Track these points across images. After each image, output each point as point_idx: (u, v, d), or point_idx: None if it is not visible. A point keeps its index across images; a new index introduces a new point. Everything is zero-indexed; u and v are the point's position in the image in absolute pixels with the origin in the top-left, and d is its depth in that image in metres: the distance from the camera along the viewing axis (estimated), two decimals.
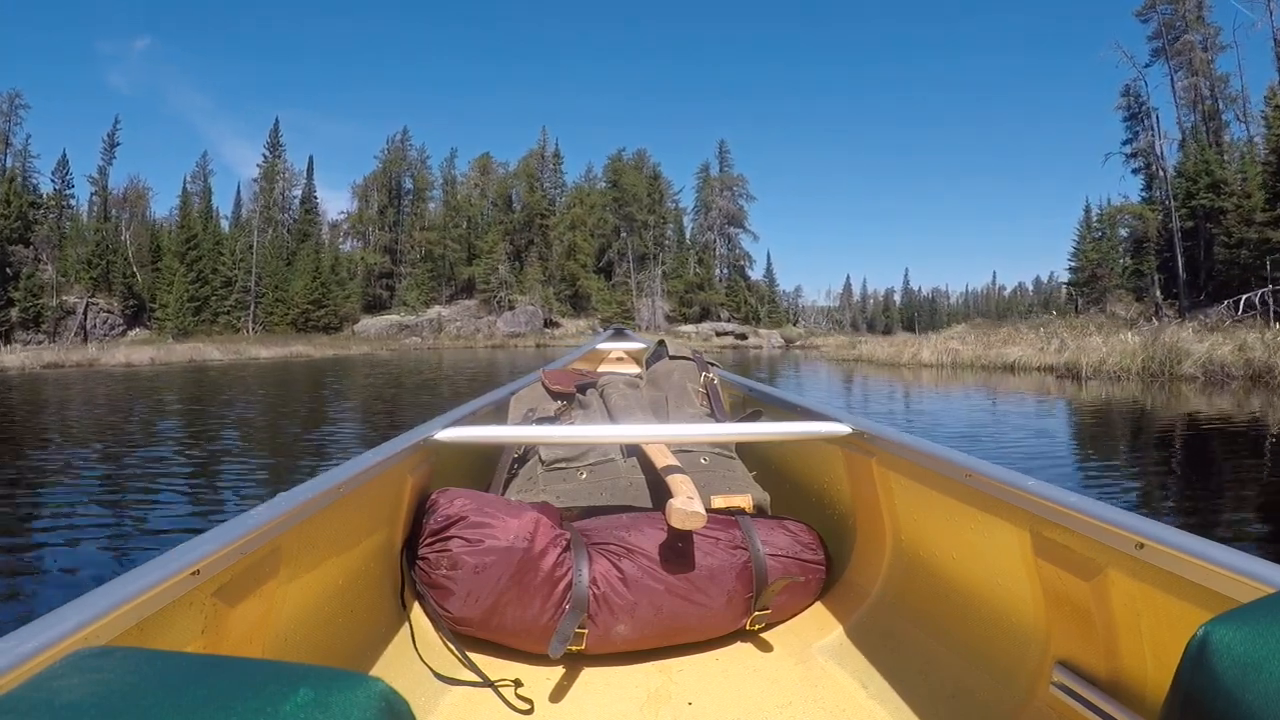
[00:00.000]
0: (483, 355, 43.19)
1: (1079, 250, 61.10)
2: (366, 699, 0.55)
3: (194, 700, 0.51)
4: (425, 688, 1.61)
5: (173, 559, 1.03)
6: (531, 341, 63.19)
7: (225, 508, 5.76)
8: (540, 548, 1.78)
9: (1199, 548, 1.07)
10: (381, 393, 18.37)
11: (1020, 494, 1.42)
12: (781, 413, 2.76)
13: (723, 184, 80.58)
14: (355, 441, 9.27)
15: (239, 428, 11.23)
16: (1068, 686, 1.32)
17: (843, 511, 2.22)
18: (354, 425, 11.61)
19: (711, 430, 2.30)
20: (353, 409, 14.46)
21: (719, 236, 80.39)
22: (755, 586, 1.89)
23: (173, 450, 8.75)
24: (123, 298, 63.04)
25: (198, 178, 74.72)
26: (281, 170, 75.58)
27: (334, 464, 1.59)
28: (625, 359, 4.44)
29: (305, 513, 1.36)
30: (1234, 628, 0.67)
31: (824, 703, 1.64)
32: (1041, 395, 15.07)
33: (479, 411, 2.49)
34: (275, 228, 73.37)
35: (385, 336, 64.85)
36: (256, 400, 16.19)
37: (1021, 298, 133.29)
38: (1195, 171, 41.90)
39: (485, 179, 78.72)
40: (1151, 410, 12.31)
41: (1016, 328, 33.39)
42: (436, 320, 68.78)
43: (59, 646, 0.80)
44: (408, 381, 22.44)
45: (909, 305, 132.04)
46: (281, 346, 44.59)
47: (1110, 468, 7.54)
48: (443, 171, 79.86)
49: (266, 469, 7.66)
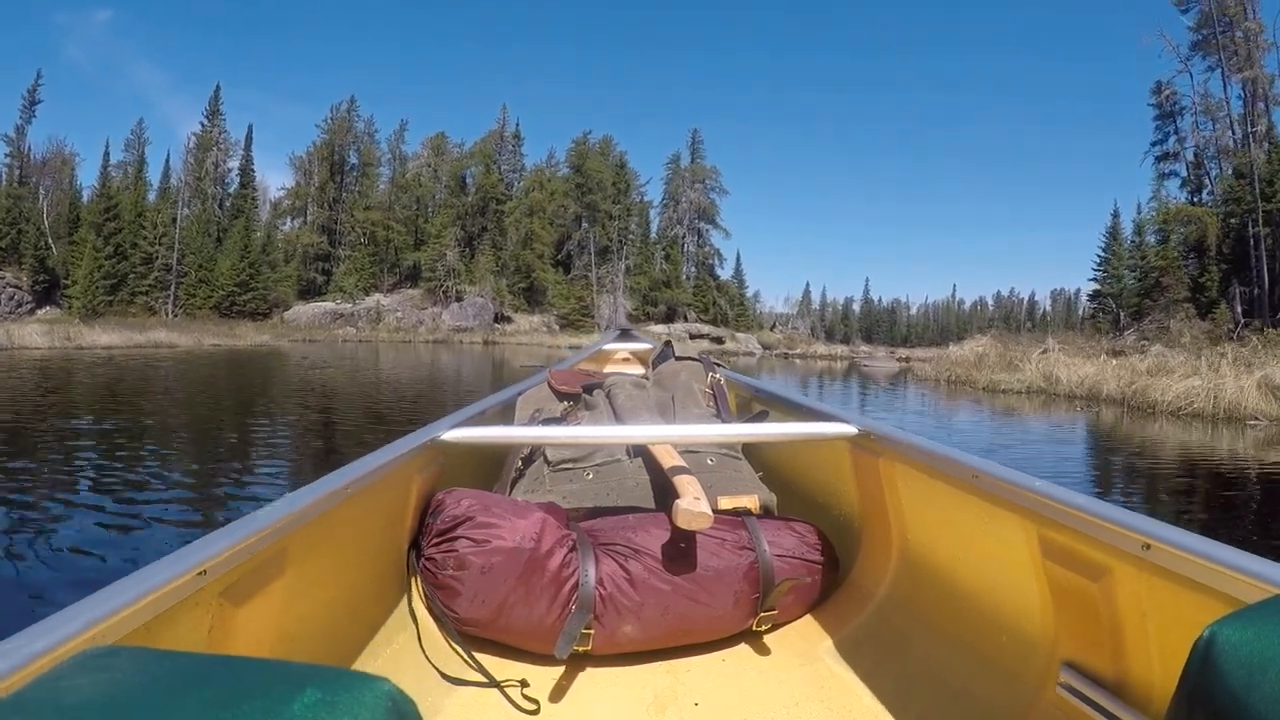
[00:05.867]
0: (422, 357, 36.16)
1: (1107, 260, 57.07)
2: (373, 699, 0.55)
3: (201, 700, 0.52)
4: (432, 688, 1.64)
5: (180, 559, 1.05)
6: (479, 338, 58.06)
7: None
8: (547, 548, 1.80)
9: (1205, 548, 1.09)
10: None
11: (1027, 495, 1.44)
12: (788, 413, 2.79)
13: (694, 175, 75.67)
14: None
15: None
16: (1074, 688, 1.33)
17: (849, 512, 2.23)
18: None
19: (718, 431, 2.32)
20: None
21: (688, 231, 75.57)
22: (762, 587, 1.91)
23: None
24: (33, 272, 57.06)
25: (132, 145, 68.51)
26: (218, 139, 68.94)
27: (341, 464, 1.57)
28: (631, 360, 4.46)
29: (312, 513, 1.37)
30: (1241, 628, 0.68)
31: (830, 703, 1.67)
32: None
33: (486, 412, 2.52)
34: (205, 201, 66.83)
35: (317, 325, 59.29)
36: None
37: (981, 312, 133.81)
38: (1272, 172, 37.55)
39: (439, 159, 72.86)
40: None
41: (1042, 341, 28.67)
42: (375, 309, 63.11)
43: (67, 646, 0.81)
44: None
45: (868, 315, 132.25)
46: (134, 333, 36.79)
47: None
48: (391, 146, 73.89)
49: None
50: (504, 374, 22.26)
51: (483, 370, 26.27)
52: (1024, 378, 20.55)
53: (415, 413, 12.20)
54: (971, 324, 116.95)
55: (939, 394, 20.62)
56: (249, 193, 68.95)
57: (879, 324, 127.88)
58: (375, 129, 73.62)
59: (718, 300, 73.46)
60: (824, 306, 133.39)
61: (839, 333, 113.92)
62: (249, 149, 70.46)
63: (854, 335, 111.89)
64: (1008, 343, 31.60)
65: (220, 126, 70.08)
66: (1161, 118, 48.01)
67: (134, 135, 69.38)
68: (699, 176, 75.98)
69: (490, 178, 69.74)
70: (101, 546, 4.51)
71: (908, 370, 35.43)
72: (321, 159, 70.05)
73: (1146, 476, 8.91)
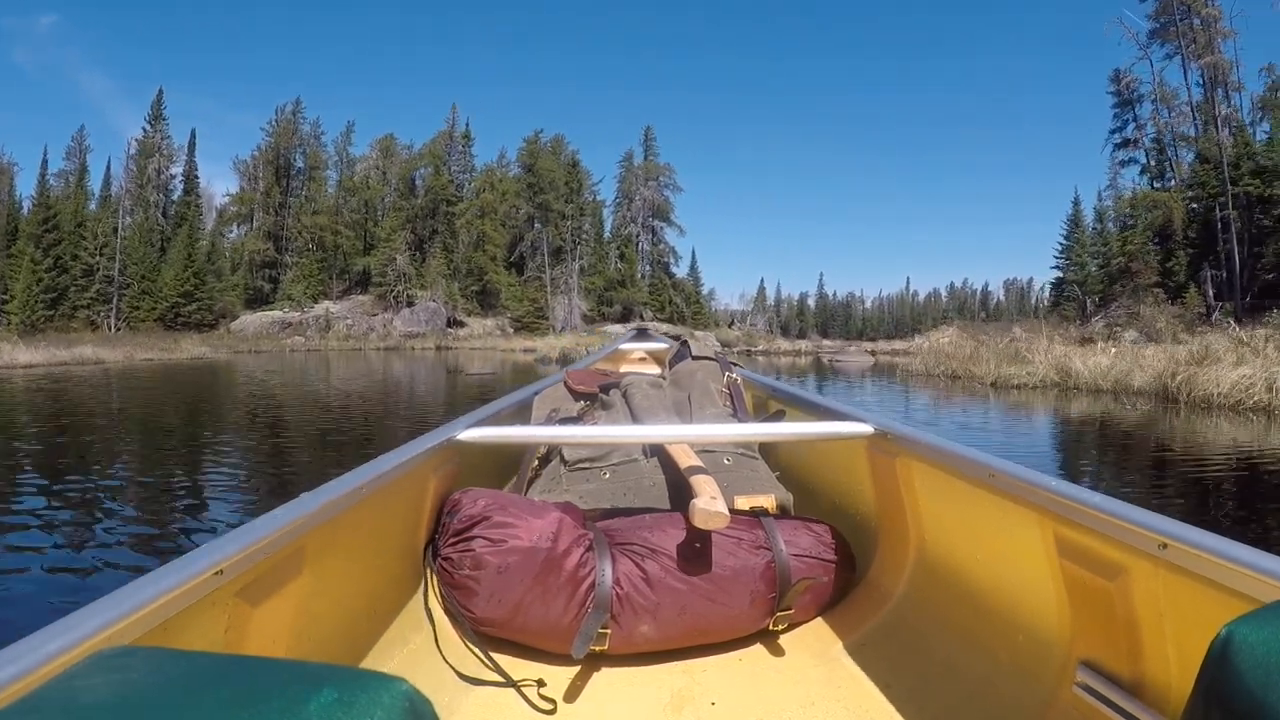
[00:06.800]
0: (373, 366, 34.26)
1: (1070, 248, 57.51)
2: (390, 699, 0.56)
3: (218, 700, 0.52)
4: (448, 688, 1.64)
5: (196, 559, 1.05)
6: (432, 343, 56.90)
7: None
8: (564, 548, 1.80)
9: (1222, 547, 1.09)
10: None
11: (1043, 493, 1.44)
12: (804, 413, 2.80)
13: (647, 173, 75.19)
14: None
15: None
16: (1091, 687, 1.33)
17: (866, 512, 2.23)
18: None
19: (734, 430, 2.33)
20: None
21: (642, 230, 75.14)
22: (778, 587, 1.91)
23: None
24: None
25: (74, 153, 66.41)
26: (160, 145, 67.20)
27: (358, 464, 1.57)
28: (648, 359, 4.46)
29: (329, 513, 1.38)
30: (1258, 628, 0.68)
31: (847, 703, 1.67)
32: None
33: (502, 412, 2.56)
34: (148, 209, 65.05)
35: (265, 335, 57.71)
36: None
37: (936, 303, 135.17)
38: (1238, 156, 37.99)
39: (387, 161, 71.35)
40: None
41: (1010, 331, 28.48)
42: (324, 317, 61.63)
43: (82, 646, 0.82)
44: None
45: (824, 309, 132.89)
46: (59, 349, 33.61)
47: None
48: (338, 148, 72.10)
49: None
50: (457, 386, 20.90)
51: (434, 381, 24.67)
52: (1035, 370, 18.50)
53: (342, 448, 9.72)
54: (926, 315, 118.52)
55: (938, 391, 18.60)
56: (193, 199, 67.22)
57: (834, 318, 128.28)
58: (321, 131, 72.01)
59: (674, 298, 73.09)
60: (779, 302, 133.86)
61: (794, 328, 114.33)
62: (192, 154, 68.99)
63: (810, 330, 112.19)
64: (974, 333, 31.45)
65: (163, 132, 68.40)
66: (1121, 105, 48.81)
67: (75, 143, 67.66)
68: (652, 174, 75.56)
69: (440, 179, 68.53)
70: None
71: (891, 365, 32.95)
72: (266, 163, 68.34)
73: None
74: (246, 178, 69.33)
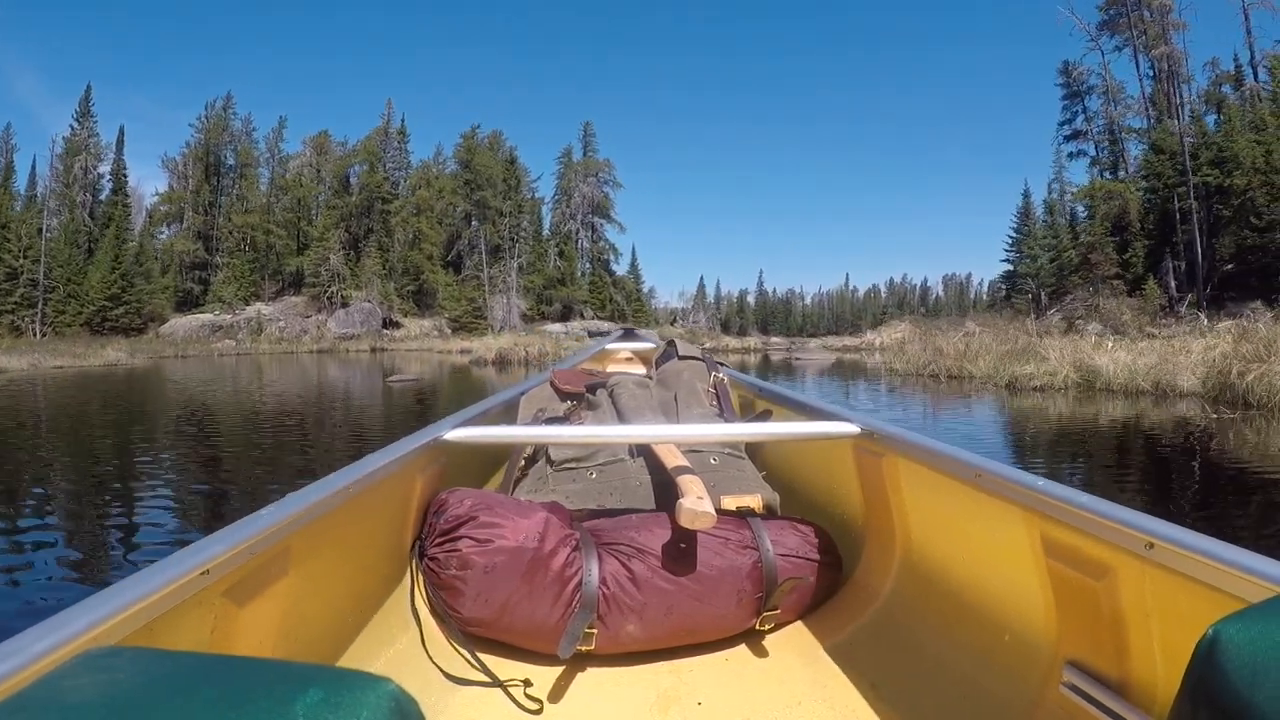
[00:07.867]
0: (306, 370, 33.16)
1: (1020, 240, 57.62)
2: (376, 699, 0.56)
3: (204, 700, 0.52)
4: (435, 688, 1.64)
5: (182, 559, 1.05)
6: (366, 345, 56.00)
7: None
8: (550, 548, 1.81)
9: (1209, 547, 1.09)
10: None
11: (1030, 493, 1.45)
12: (791, 412, 2.81)
13: (586, 169, 74.74)
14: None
15: None
16: (1078, 686, 1.34)
17: (853, 511, 2.23)
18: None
19: (721, 430, 2.35)
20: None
21: (582, 227, 74.74)
22: (765, 587, 1.91)
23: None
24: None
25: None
26: (87, 142, 65.07)
27: (344, 464, 1.57)
28: (634, 359, 4.50)
29: (315, 513, 1.38)
30: (1244, 627, 0.68)
31: (833, 703, 1.67)
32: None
33: (489, 412, 2.53)
34: (74, 210, 63.02)
35: (195, 339, 56.40)
36: None
37: (875, 299, 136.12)
38: (1196, 147, 37.98)
39: (321, 158, 69.80)
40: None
41: (963, 325, 28.02)
42: (256, 320, 60.33)
43: (69, 646, 0.81)
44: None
45: (764, 306, 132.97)
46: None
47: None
48: (269, 145, 70.27)
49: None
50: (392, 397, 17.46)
51: (370, 379, 22.71)
52: (1055, 370, 16.26)
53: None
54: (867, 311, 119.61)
55: (939, 394, 16.31)
56: (121, 199, 64.95)
57: (774, 315, 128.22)
58: (253, 127, 70.07)
59: (614, 296, 72.98)
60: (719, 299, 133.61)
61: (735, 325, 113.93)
62: (120, 152, 66.58)
63: (750, 327, 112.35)
64: (927, 328, 31.48)
65: (90, 129, 66.19)
66: (1070, 97, 49.22)
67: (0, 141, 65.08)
68: (592, 170, 75.13)
69: (375, 176, 67.27)
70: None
71: (856, 363, 30.99)
72: (196, 160, 66.62)
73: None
74: (176, 176, 67.54)
